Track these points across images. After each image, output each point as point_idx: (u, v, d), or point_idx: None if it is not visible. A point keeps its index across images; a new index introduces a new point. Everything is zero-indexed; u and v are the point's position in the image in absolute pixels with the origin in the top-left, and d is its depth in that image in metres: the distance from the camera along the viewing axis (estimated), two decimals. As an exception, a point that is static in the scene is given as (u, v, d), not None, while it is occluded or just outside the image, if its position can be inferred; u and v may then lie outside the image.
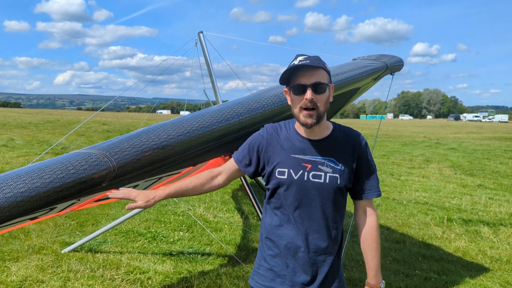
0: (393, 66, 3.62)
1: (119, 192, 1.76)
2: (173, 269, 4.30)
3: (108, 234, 5.28)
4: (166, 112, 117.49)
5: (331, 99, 1.75)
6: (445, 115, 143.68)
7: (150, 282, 3.98)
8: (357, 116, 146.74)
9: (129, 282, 3.95)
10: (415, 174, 11.41)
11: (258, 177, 1.94)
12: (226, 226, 5.90)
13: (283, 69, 1.75)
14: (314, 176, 1.73)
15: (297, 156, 1.76)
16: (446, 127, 50.92)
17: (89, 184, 1.68)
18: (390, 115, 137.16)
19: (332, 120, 2.01)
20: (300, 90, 1.68)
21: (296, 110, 1.72)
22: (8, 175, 1.57)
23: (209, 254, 4.79)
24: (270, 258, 1.82)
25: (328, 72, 1.72)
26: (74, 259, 4.44)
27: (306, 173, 1.73)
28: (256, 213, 4.12)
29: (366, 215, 1.86)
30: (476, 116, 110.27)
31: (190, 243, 5.15)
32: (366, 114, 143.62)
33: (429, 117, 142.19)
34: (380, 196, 1.87)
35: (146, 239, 5.24)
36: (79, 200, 2.07)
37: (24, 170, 1.60)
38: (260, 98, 2.43)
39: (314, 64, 1.64)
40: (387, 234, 5.77)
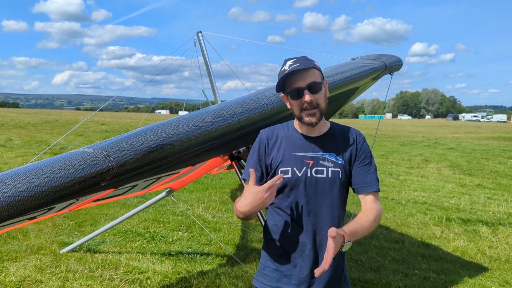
0: (392, 66, 3.61)
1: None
2: (172, 269, 4.29)
3: (106, 234, 5.28)
4: (164, 112, 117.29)
5: (327, 94, 1.78)
6: (443, 115, 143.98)
7: (149, 282, 3.97)
8: (355, 116, 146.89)
9: (128, 282, 3.94)
10: (413, 174, 11.42)
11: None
12: (225, 226, 5.90)
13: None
14: (317, 172, 1.74)
15: (298, 154, 1.77)
16: (444, 127, 50.99)
17: (88, 183, 1.67)
18: (388, 115, 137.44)
19: (330, 120, 2.01)
20: (297, 94, 1.71)
21: (297, 113, 1.75)
22: (6, 174, 1.56)
23: (208, 254, 4.79)
24: (276, 258, 1.82)
25: (319, 69, 1.75)
26: (73, 259, 4.44)
27: (309, 169, 1.74)
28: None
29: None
30: (474, 116, 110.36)
31: (189, 243, 5.15)
32: (365, 114, 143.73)
33: (427, 117, 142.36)
34: (379, 191, 1.85)
35: (145, 239, 5.24)
36: (77, 200, 2.06)
37: (22, 170, 1.59)
38: (259, 97, 2.42)
39: (305, 66, 1.68)
40: (386, 234, 5.77)
